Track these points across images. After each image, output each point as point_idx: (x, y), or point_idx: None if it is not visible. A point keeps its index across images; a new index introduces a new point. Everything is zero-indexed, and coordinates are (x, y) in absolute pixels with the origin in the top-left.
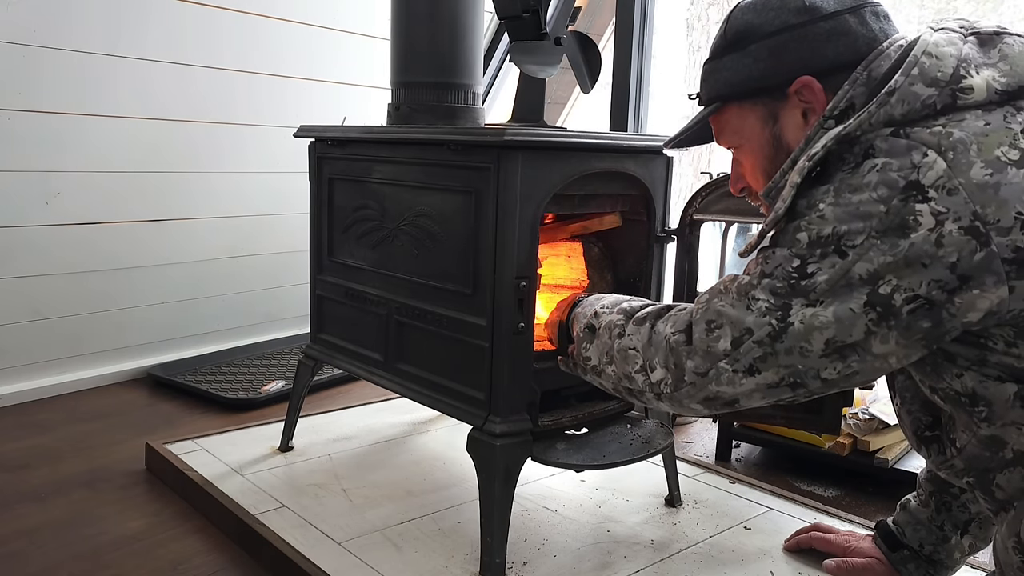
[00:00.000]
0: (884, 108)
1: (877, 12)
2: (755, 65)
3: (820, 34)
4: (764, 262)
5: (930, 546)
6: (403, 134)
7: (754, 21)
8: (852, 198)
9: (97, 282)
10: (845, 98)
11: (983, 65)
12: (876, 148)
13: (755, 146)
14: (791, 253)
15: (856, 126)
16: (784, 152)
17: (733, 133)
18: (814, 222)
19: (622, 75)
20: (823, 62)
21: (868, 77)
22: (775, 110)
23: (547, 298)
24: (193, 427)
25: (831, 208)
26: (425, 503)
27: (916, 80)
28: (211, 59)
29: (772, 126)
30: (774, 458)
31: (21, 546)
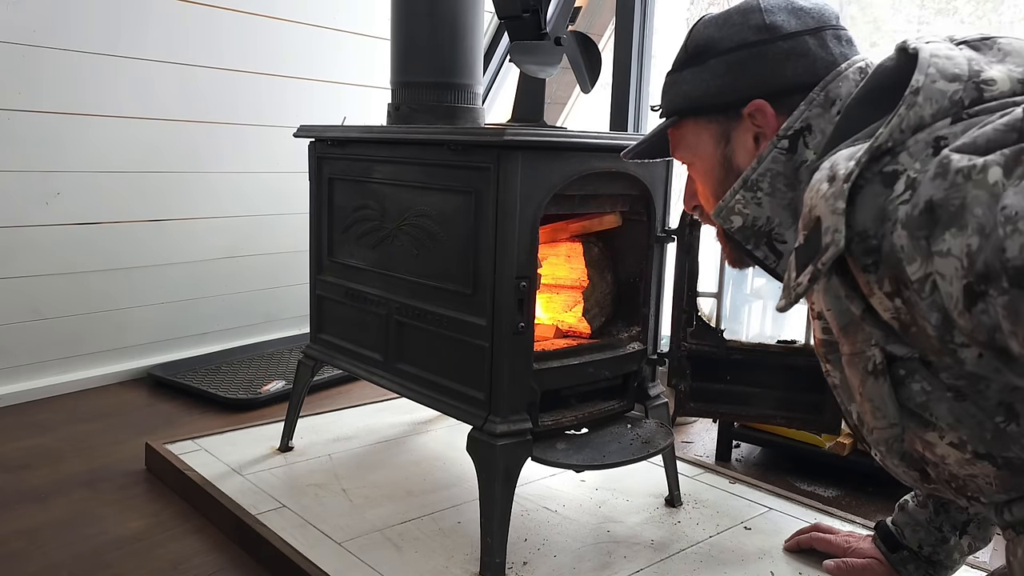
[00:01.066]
0: (913, 110)
1: (839, 36)
2: (712, 81)
3: (779, 54)
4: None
5: (929, 547)
6: (403, 134)
7: (714, 36)
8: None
9: (97, 282)
10: (800, 119)
11: (992, 62)
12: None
13: (707, 165)
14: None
15: (887, 135)
16: (734, 175)
17: (687, 149)
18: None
19: (622, 75)
20: (780, 82)
21: (825, 98)
22: (728, 130)
23: (547, 298)
24: (193, 427)
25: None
26: (425, 503)
27: (937, 77)
28: (211, 59)
29: (724, 146)
30: (774, 458)
31: (21, 546)
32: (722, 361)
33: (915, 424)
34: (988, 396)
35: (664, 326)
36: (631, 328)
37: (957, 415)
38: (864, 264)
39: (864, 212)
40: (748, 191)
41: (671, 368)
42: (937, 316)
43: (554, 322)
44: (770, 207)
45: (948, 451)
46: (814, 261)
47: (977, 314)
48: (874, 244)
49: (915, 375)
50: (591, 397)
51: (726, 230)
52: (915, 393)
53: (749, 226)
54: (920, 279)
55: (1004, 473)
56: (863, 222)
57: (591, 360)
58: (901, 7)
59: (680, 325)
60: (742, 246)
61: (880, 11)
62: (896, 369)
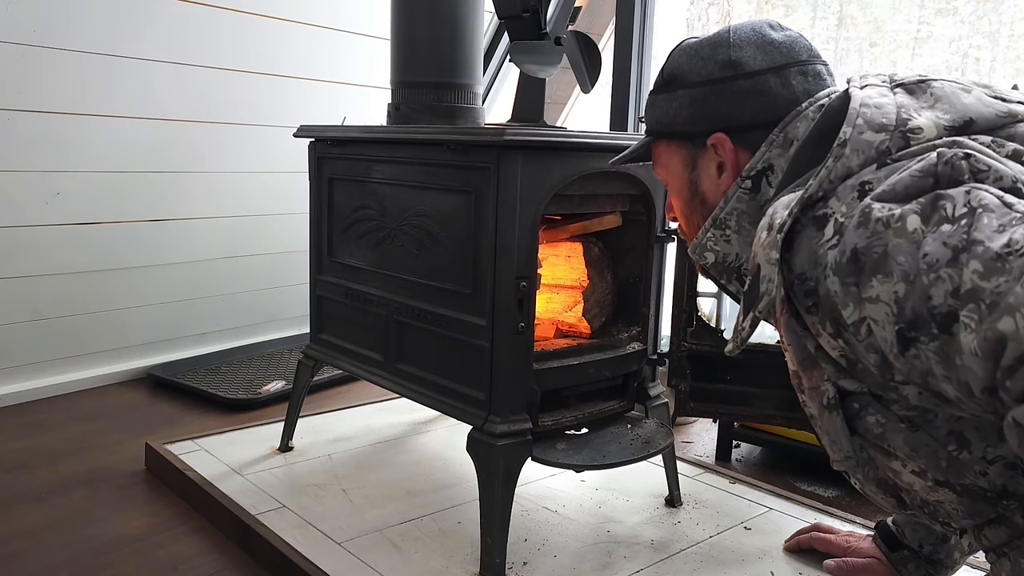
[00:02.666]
0: (840, 161)
1: (805, 71)
2: (679, 111)
3: (739, 92)
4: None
5: (930, 546)
6: (403, 134)
7: (684, 67)
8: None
9: (97, 282)
10: (762, 159)
11: (921, 108)
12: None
13: (676, 186)
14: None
15: (817, 186)
16: (699, 199)
17: (662, 167)
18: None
19: (622, 75)
20: (740, 119)
21: (784, 138)
22: (695, 157)
23: (547, 298)
24: (193, 427)
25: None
26: (425, 503)
27: (864, 128)
28: (211, 59)
29: (691, 171)
30: (774, 458)
31: (21, 546)
32: (722, 361)
33: (879, 454)
34: (938, 426)
35: (664, 326)
36: (631, 328)
37: (912, 445)
38: (806, 306)
39: (800, 256)
40: (718, 229)
41: (671, 368)
42: (875, 357)
43: (554, 322)
44: (738, 244)
45: (912, 479)
46: (752, 308)
47: (910, 358)
48: (811, 286)
49: (868, 408)
50: (591, 397)
51: (702, 266)
52: (871, 425)
53: (720, 262)
54: (855, 323)
55: (965, 500)
56: (800, 265)
57: (591, 360)
58: (901, 7)
59: (680, 325)
60: (717, 279)
61: (880, 11)
62: (850, 403)
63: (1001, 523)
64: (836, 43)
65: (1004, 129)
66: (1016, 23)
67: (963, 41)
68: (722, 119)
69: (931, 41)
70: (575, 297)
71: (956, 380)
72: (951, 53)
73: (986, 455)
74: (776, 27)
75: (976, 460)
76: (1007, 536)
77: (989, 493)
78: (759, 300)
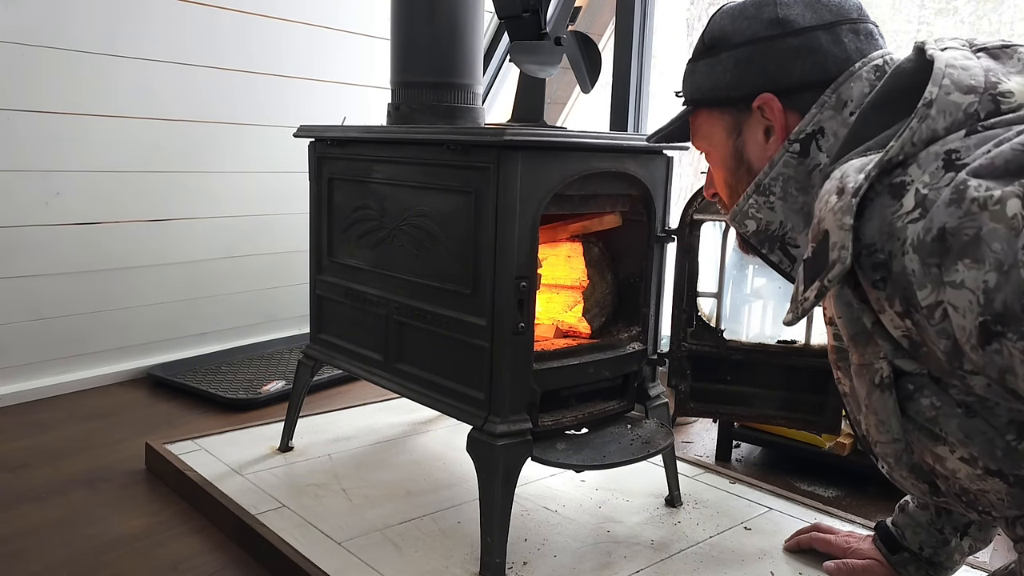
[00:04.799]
0: (926, 123)
1: (857, 30)
2: (723, 75)
3: (788, 50)
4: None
5: (930, 548)
6: (403, 134)
7: (727, 28)
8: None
9: (97, 282)
10: (812, 121)
11: (1010, 73)
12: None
13: (720, 155)
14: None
15: (899, 149)
16: (744, 167)
17: (703, 138)
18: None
19: (622, 75)
20: (789, 79)
21: (837, 100)
22: (740, 122)
23: (547, 298)
24: (193, 427)
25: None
26: (425, 503)
27: (951, 89)
28: (211, 59)
29: (736, 138)
30: (774, 458)
31: (21, 546)
32: (722, 361)
33: (925, 438)
34: (999, 414)
35: (664, 326)
36: (631, 328)
37: (967, 431)
38: (873, 280)
39: (872, 225)
40: (761, 195)
41: (671, 368)
42: (947, 343)
43: (554, 322)
44: (783, 211)
45: (959, 466)
46: (820, 277)
47: (991, 352)
48: (881, 259)
49: (924, 390)
50: (591, 397)
51: (741, 234)
52: (924, 408)
53: (763, 230)
54: (930, 306)
55: (1016, 490)
56: (871, 235)
57: (591, 360)
58: (901, 7)
59: (680, 325)
60: (758, 249)
61: (880, 11)
62: (904, 383)
63: None
64: None
65: None
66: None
67: None
68: (770, 79)
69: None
70: (575, 297)
71: None
72: None
73: None
74: None
75: None
76: None
77: None
78: (829, 268)
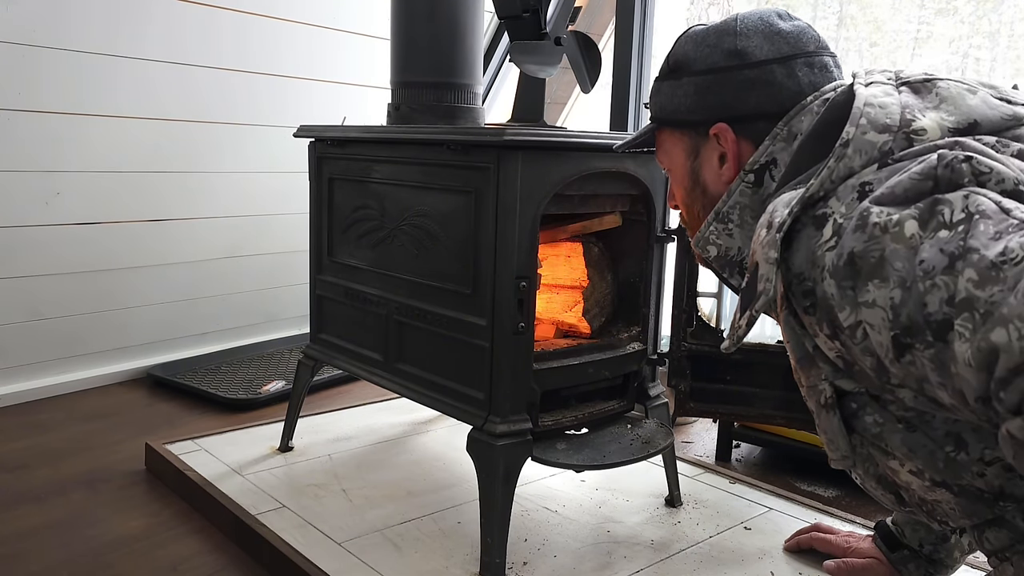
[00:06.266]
0: (843, 161)
1: (812, 63)
2: (684, 99)
3: (744, 82)
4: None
5: (930, 545)
6: (403, 134)
7: (690, 54)
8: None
9: (97, 282)
10: (765, 153)
11: (926, 109)
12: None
13: (679, 174)
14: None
15: (818, 186)
16: (700, 188)
17: (664, 155)
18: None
19: (622, 75)
20: (743, 109)
21: (788, 132)
22: (697, 146)
23: (547, 298)
24: (193, 427)
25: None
26: (425, 503)
27: (867, 128)
28: (211, 59)
29: (693, 160)
30: (774, 458)
31: (21, 546)
32: (722, 361)
33: (877, 453)
34: (935, 427)
35: (664, 326)
36: (631, 328)
37: (910, 446)
38: (804, 306)
39: (799, 256)
40: (720, 223)
41: (671, 368)
42: (871, 360)
43: (554, 322)
44: (740, 238)
45: (910, 478)
46: (750, 307)
47: (906, 364)
48: (809, 287)
49: (867, 408)
50: (591, 397)
51: (704, 259)
52: (869, 425)
53: (723, 256)
54: (851, 326)
55: (962, 500)
56: (799, 265)
57: (591, 360)
58: (901, 7)
59: (680, 325)
60: (719, 273)
61: (880, 11)
62: (848, 402)
63: (1002, 526)
64: (836, 43)
65: (1009, 131)
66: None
67: (963, 41)
68: (726, 108)
69: (931, 41)
70: (575, 297)
71: (951, 388)
72: (951, 53)
73: (984, 456)
74: (785, 16)
75: (973, 461)
76: (1009, 540)
77: (986, 494)
78: (756, 299)
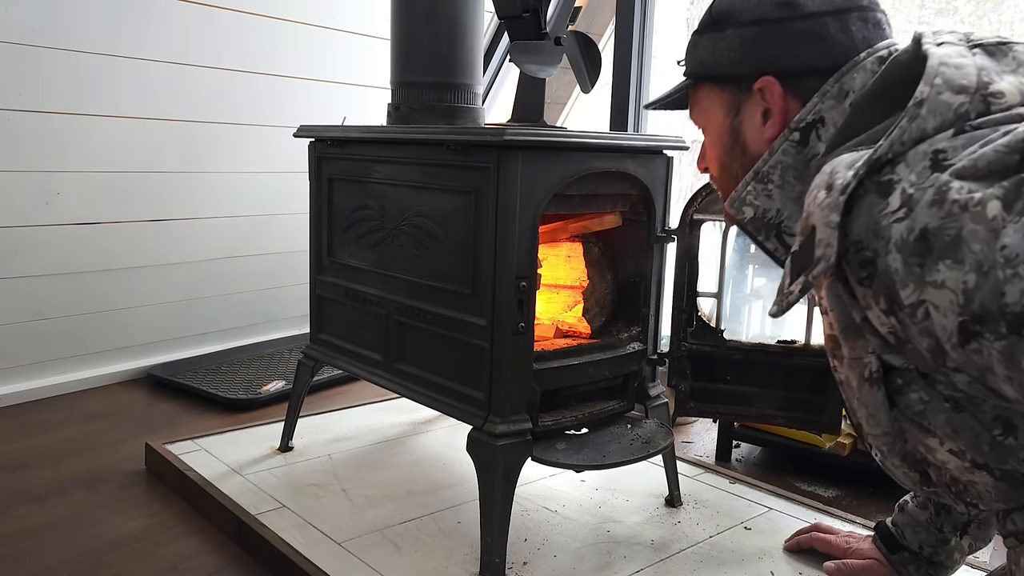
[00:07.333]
0: (916, 122)
1: (866, 18)
2: (727, 52)
3: (794, 34)
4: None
5: (930, 548)
6: (403, 134)
7: (736, 4)
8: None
9: (97, 282)
10: (813, 110)
11: (1003, 72)
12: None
13: (716, 133)
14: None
15: (888, 147)
16: (740, 147)
17: (700, 113)
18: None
19: (622, 75)
20: (793, 63)
21: (839, 90)
22: (739, 102)
23: (547, 298)
24: (193, 427)
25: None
26: (425, 503)
27: (943, 89)
28: (211, 59)
29: (733, 117)
30: (774, 458)
31: (22, 546)
32: (722, 361)
33: (915, 430)
34: (985, 410)
35: (664, 326)
36: (631, 328)
37: (955, 426)
38: (859, 277)
39: (859, 223)
40: (759, 183)
41: (671, 368)
42: (929, 342)
43: (554, 322)
44: (780, 199)
45: (948, 457)
46: (805, 272)
47: (970, 352)
48: (868, 257)
49: (912, 385)
50: (591, 397)
51: (738, 221)
52: (913, 402)
53: (760, 217)
54: (913, 304)
55: (1002, 484)
56: (858, 232)
57: (591, 360)
58: (901, 7)
59: (680, 325)
60: (754, 236)
61: None
62: (894, 378)
63: None
64: None
65: None
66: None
67: None
68: (774, 62)
69: None
70: (575, 297)
71: (1018, 383)
72: None
73: None
74: None
75: (1022, 447)
76: None
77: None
78: (814, 264)
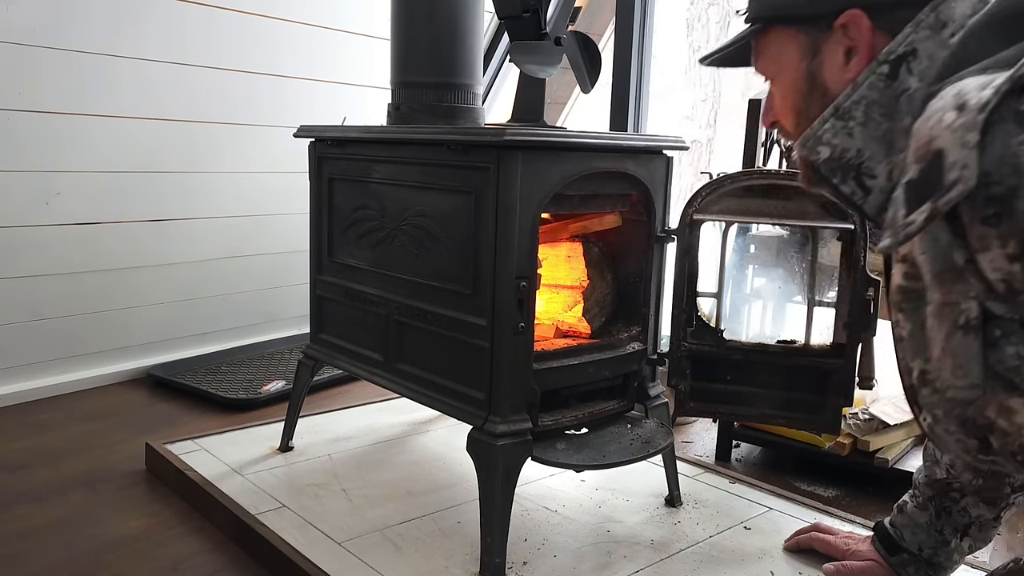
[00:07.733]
0: None
1: None
2: None
3: None
4: None
5: (930, 549)
6: (403, 134)
7: None
8: None
9: (97, 282)
10: (905, 42)
11: None
12: None
13: (790, 79)
14: None
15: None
16: (819, 91)
17: (770, 60)
18: None
19: (622, 75)
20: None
21: (935, 20)
22: (818, 42)
23: (547, 298)
24: (193, 427)
25: None
26: (425, 503)
27: None
28: (211, 59)
29: (811, 60)
30: (774, 458)
31: (22, 546)
32: (722, 361)
33: (1000, 387)
34: None
35: (664, 326)
36: (631, 328)
37: None
38: (984, 214)
39: (992, 153)
40: (839, 119)
41: (671, 368)
42: None
43: (554, 322)
44: (862, 138)
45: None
46: (934, 199)
47: None
48: (998, 193)
49: (1011, 337)
50: (591, 397)
51: (811, 162)
52: (1008, 356)
53: (837, 158)
54: None
55: None
56: (989, 164)
57: (591, 360)
58: None
59: (680, 325)
60: (826, 179)
61: None
62: (992, 328)
63: None
64: None
65: None
66: None
67: None
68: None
69: None
70: (575, 297)
71: None
72: None
73: None
74: None
75: None
76: None
77: None
78: (947, 189)
